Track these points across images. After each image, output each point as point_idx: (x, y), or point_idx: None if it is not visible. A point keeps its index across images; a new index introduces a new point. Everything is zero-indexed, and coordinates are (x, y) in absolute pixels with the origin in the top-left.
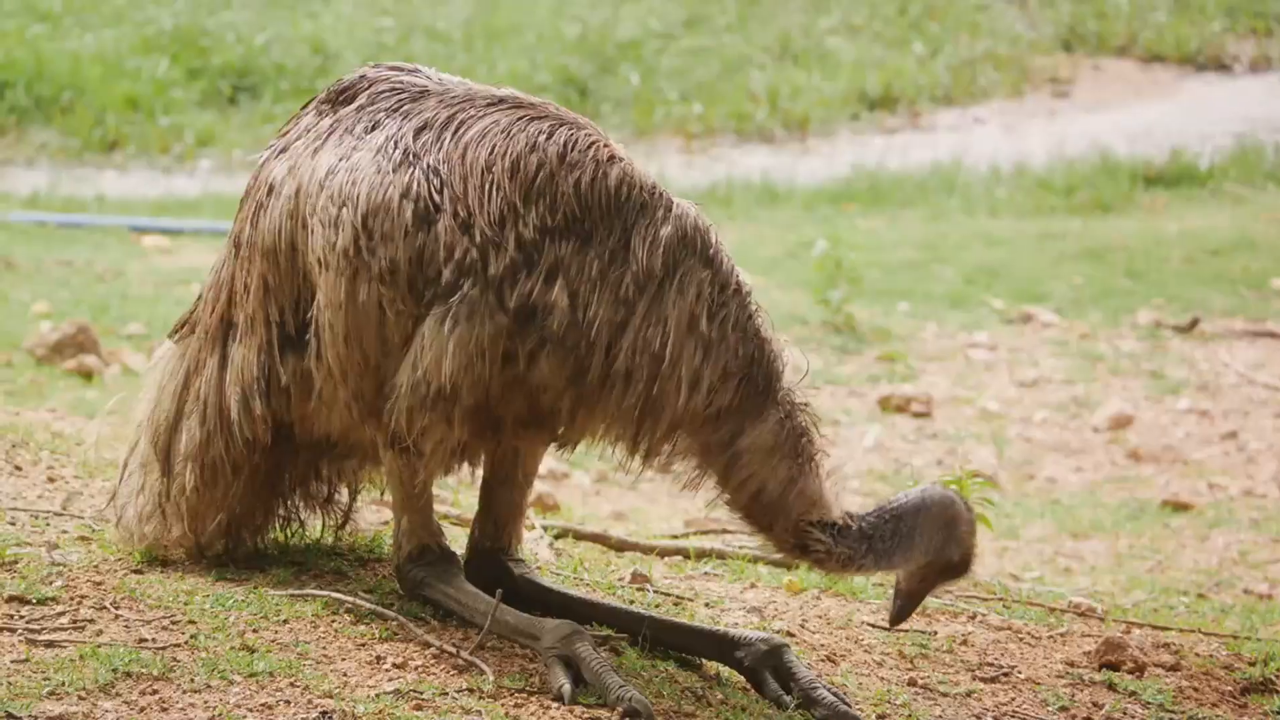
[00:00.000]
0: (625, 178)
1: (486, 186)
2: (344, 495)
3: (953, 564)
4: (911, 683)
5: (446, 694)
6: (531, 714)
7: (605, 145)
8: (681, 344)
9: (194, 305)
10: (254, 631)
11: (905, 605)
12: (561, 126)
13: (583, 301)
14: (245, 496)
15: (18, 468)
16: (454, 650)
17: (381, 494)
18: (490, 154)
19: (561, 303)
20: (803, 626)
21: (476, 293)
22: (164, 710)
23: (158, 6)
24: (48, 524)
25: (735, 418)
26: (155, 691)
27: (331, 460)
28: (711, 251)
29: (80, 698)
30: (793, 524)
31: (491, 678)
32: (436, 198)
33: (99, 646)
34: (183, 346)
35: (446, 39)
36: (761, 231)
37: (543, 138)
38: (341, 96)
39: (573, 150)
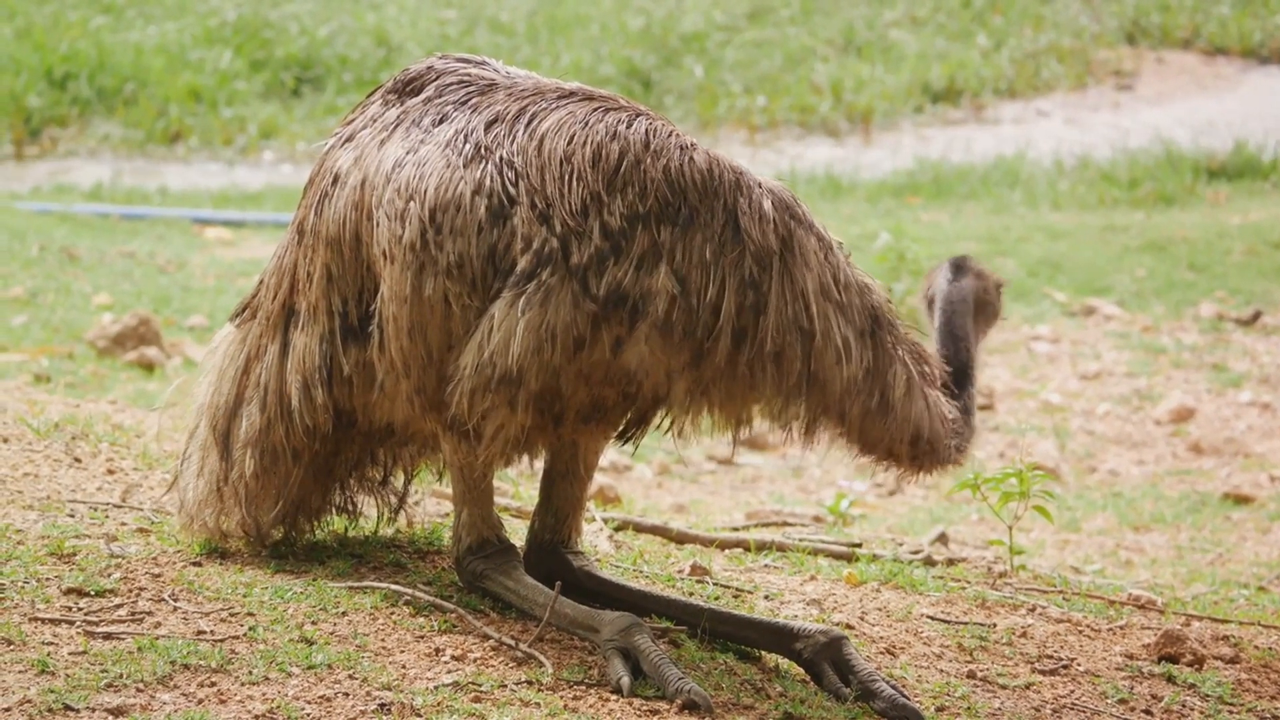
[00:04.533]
0: (713, 160)
1: (566, 176)
2: (398, 480)
3: (997, 309)
4: (970, 675)
5: (505, 686)
6: (590, 706)
7: (682, 134)
8: (825, 314)
9: (255, 290)
10: (313, 623)
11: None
12: (640, 116)
13: (696, 286)
14: (304, 482)
15: (77, 460)
16: (513, 642)
17: (440, 478)
18: (569, 144)
19: (669, 288)
20: (862, 619)
21: (556, 281)
22: (222, 702)
23: None
24: (106, 516)
25: (879, 375)
26: (213, 683)
27: (389, 446)
28: (810, 218)
29: (138, 689)
30: (946, 451)
31: (550, 670)
32: (511, 190)
33: (157, 638)
34: (243, 331)
35: (510, 31)
36: (825, 224)
37: (623, 127)
38: (409, 87)
39: (655, 137)
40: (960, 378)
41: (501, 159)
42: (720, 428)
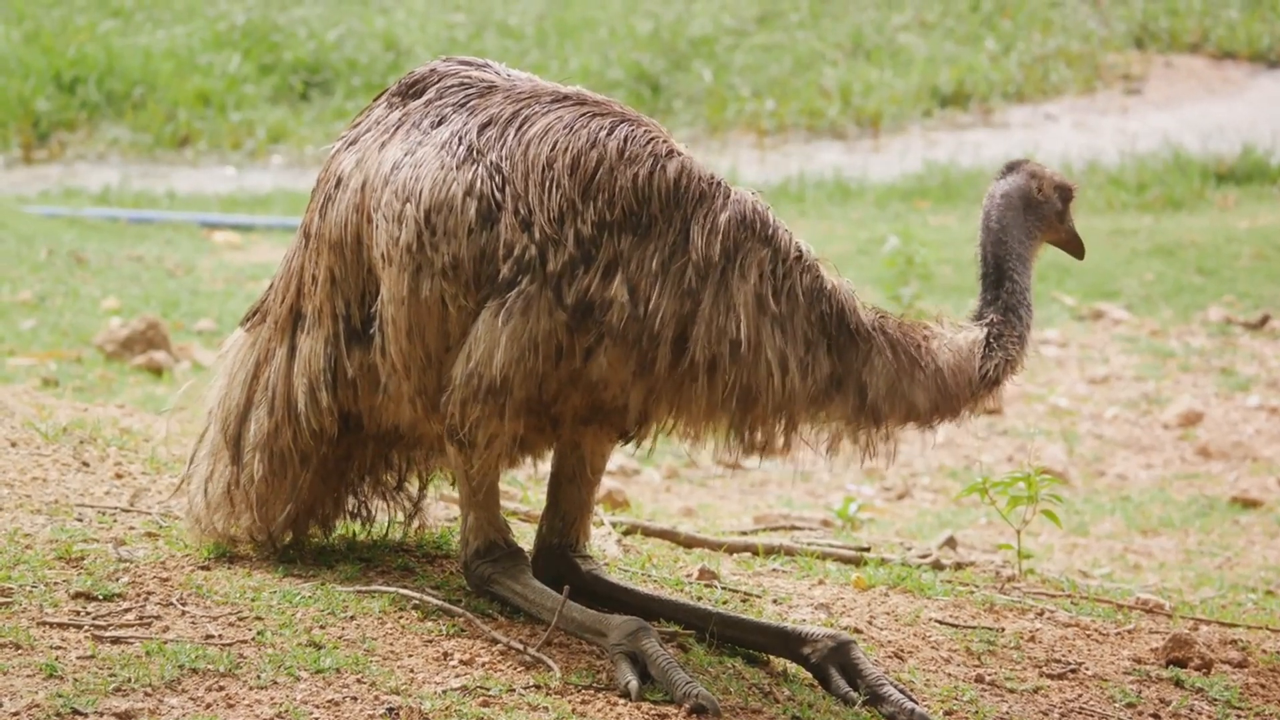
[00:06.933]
0: (684, 170)
1: (547, 184)
2: (414, 485)
3: (1059, 209)
4: (978, 679)
5: (513, 690)
6: (598, 710)
7: (664, 141)
8: (757, 327)
9: (265, 294)
10: (321, 628)
11: (1073, 247)
12: (623, 123)
13: (643, 295)
14: (314, 486)
15: (85, 464)
16: (521, 647)
17: (453, 484)
18: (551, 150)
19: (621, 297)
20: (870, 623)
21: (534, 289)
22: (230, 707)
23: (230, 2)
24: (115, 520)
25: (850, 377)
26: (222, 688)
27: (401, 450)
28: (771, 231)
29: (146, 694)
30: (971, 387)
31: (558, 674)
32: (498, 195)
33: (165, 643)
34: (254, 335)
35: (519, 35)
36: (833, 228)
37: (603, 134)
38: (412, 90)
39: (631, 145)
40: (996, 275)
41: (491, 163)
42: (697, 438)
